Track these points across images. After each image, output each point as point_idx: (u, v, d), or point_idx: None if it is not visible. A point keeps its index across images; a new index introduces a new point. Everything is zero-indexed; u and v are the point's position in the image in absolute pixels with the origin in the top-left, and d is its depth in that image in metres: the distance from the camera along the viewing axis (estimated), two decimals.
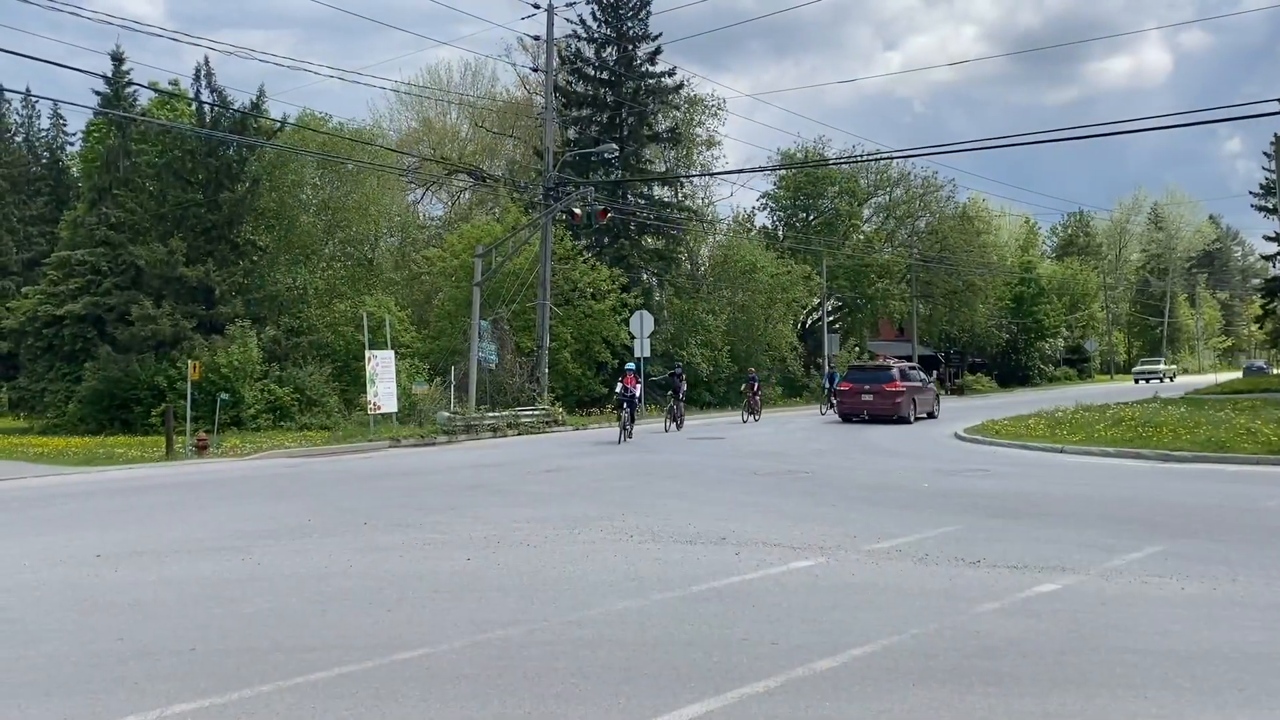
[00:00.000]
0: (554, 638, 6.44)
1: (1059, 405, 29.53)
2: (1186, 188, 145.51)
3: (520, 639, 6.41)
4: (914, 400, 30.60)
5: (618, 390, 24.96)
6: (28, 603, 7.77)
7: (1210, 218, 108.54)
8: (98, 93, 37.13)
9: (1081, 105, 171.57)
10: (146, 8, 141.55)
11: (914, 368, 34.87)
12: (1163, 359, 78.08)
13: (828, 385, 37.74)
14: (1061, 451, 19.67)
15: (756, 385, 34.18)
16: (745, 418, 32.86)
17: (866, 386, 30.15)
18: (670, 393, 30.68)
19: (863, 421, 29.70)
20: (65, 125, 49.01)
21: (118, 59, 37.28)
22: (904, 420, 29.38)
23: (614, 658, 5.96)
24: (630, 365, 26.87)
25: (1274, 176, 37.01)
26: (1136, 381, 67.64)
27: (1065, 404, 29.88)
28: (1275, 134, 30.94)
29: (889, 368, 31.83)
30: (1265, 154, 49.00)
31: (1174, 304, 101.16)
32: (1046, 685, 5.35)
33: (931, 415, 32.12)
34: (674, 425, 28.76)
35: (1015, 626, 6.52)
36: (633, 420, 24.64)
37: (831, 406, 34.97)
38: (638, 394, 25.88)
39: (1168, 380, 67.77)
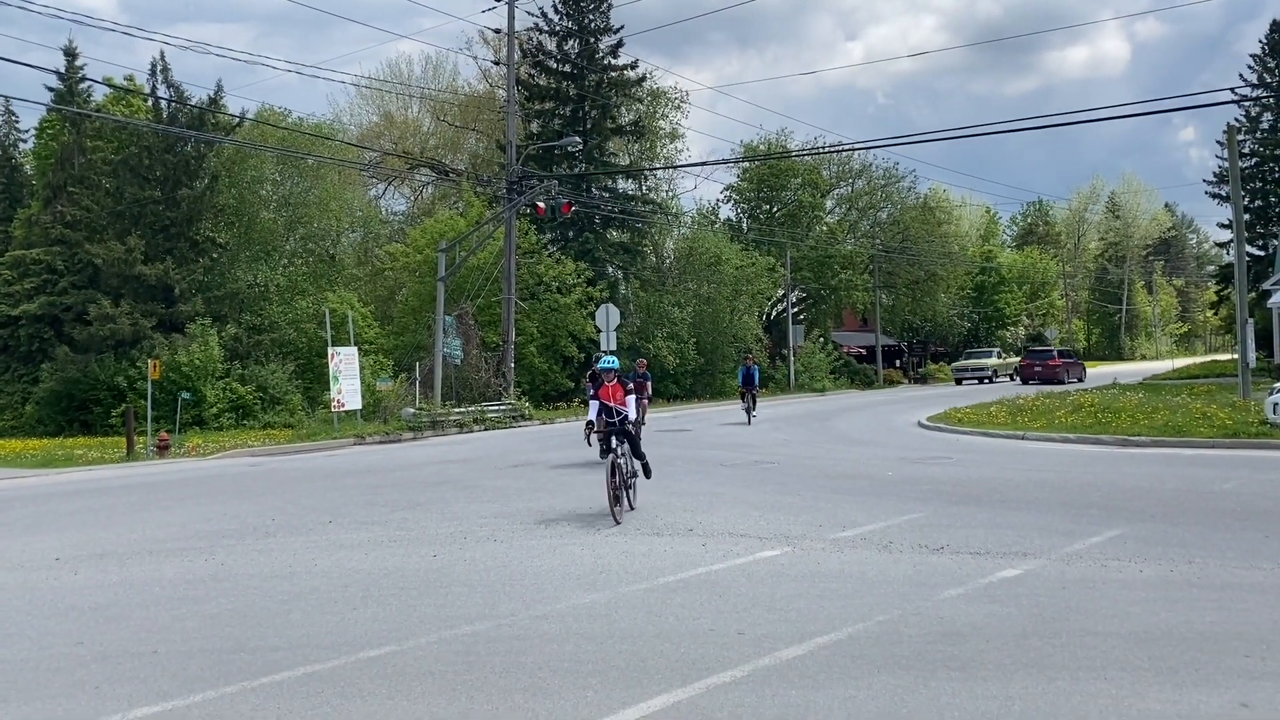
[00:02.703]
0: (521, 632, 6.43)
1: (1020, 393, 29.95)
2: (1143, 176, 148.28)
3: (487, 634, 6.41)
4: (1067, 370, 47.21)
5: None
6: None
7: (1166, 206, 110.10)
8: (50, 89, 36.52)
9: (1041, 95, 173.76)
10: (99, 1, 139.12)
11: (1067, 350, 54.86)
12: (993, 351, 58.07)
13: (742, 384, 29.17)
14: (1023, 438, 19.91)
15: (649, 385, 23.02)
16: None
17: (1038, 362, 47.78)
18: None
19: (1035, 384, 43.62)
20: (18, 122, 47.77)
21: (70, 54, 36.61)
22: (1060, 382, 44.28)
23: (581, 651, 5.97)
24: (613, 361, 12.27)
25: (1227, 164, 37.69)
26: (959, 383, 51.96)
27: (1026, 392, 30.30)
28: (1228, 123, 31.50)
29: (1051, 351, 50.61)
30: (1218, 142, 49.96)
31: (1132, 291, 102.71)
32: (1009, 669, 5.43)
33: (1080, 380, 46.54)
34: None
35: (978, 612, 6.60)
36: (632, 480, 11.92)
37: (748, 407, 28.31)
38: (632, 417, 11.79)
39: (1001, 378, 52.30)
